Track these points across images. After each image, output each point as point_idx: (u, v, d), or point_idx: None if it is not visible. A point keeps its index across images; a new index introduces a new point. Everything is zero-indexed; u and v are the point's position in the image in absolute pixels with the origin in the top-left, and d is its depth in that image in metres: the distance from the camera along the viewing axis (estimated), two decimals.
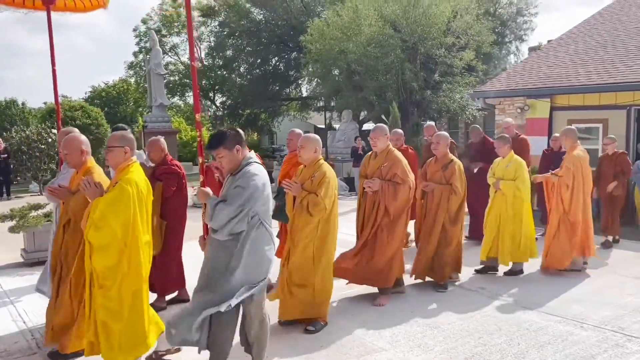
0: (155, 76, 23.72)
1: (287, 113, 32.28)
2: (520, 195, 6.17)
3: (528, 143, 8.11)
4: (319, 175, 4.49)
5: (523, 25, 25.60)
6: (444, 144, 5.89)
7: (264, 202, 3.54)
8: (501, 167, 6.39)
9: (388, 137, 5.39)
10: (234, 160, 3.58)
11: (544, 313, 5.12)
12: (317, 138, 4.68)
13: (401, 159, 5.29)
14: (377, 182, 5.20)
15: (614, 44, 12.12)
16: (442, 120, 21.49)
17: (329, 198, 4.45)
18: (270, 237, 3.63)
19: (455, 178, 5.72)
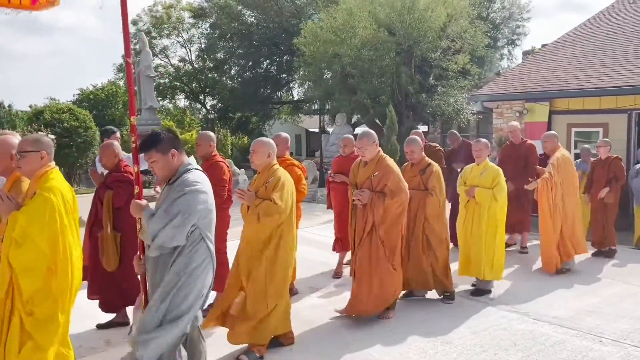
0: (145, 78, 23.33)
1: (279, 117, 32.02)
2: (497, 205, 5.61)
3: (536, 149, 7.56)
4: (273, 181, 4.13)
5: (516, 29, 25.58)
6: (418, 150, 5.49)
7: (204, 214, 3.16)
8: (475, 174, 5.81)
9: (377, 144, 4.90)
10: (168, 166, 3.21)
11: (558, 326, 4.88)
12: (270, 142, 4.32)
13: (394, 169, 4.85)
14: (367, 194, 4.77)
15: (613, 48, 12.00)
16: (436, 124, 21.33)
17: (284, 202, 4.05)
18: (210, 256, 3.23)
19: (433, 181, 5.34)
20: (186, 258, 3.12)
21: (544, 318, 5.07)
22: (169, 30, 31.34)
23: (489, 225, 5.63)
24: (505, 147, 7.86)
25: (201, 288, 3.18)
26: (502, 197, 5.63)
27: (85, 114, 17.73)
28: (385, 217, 4.77)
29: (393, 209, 4.78)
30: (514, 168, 7.24)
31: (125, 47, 3.47)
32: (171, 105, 36.05)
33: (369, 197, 4.77)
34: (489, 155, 5.99)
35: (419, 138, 5.69)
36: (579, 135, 11.00)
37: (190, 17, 30.26)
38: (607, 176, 7.41)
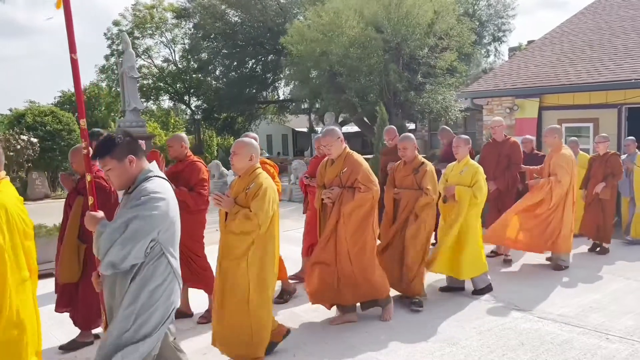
0: (129, 79, 22.95)
1: (265, 116, 31.81)
2: (476, 203, 5.46)
3: (519, 147, 7.02)
4: (254, 187, 3.81)
5: (501, 26, 25.69)
6: (411, 148, 5.32)
7: (166, 227, 2.78)
8: (455, 172, 5.67)
9: (342, 140, 4.72)
10: (125, 174, 2.84)
11: (564, 324, 4.81)
12: (253, 143, 3.98)
13: (362, 163, 4.69)
14: (337, 191, 4.63)
15: (601, 43, 12.04)
16: (424, 121, 21.33)
17: (264, 213, 3.76)
18: (174, 273, 2.85)
19: (426, 181, 5.16)
20: (145, 277, 2.74)
21: (549, 316, 5.00)
22: (152, 30, 30.98)
23: (467, 225, 5.46)
24: (487, 144, 7.29)
25: (165, 309, 2.81)
26: (482, 195, 5.46)
27: (68, 117, 17.39)
28: (354, 213, 4.61)
29: (364, 202, 4.60)
30: (496, 167, 6.77)
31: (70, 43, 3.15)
32: (155, 107, 35.67)
33: (339, 194, 4.62)
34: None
35: (412, 135, 5.56)
36: (570, 130, 11.00)
37: (174, 17, 29.92)
38: (605, 172, 7.35)
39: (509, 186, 6.81)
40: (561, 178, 6.23)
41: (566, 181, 6.28)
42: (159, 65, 31.86)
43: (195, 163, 5.03)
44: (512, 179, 6.83)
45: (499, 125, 6.97)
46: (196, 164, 5.02)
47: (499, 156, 6.81)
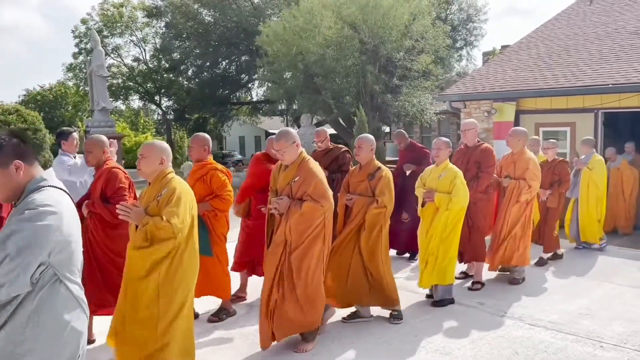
0: (98, 78, 22.34)
1: (237, 118, 31.46)
2: (455, 209, 5.15)
3: (492, 152, 6.08)
4: (166, 194, 3.34)
5: (473, 31, 25.98)
6: (367, 149, 4.83)
7: (60, 248, 2.20)
8: (434, 176, 5.31)
9: (298, 145, 4.20)
10: (9, 183, 2.28)
11: (555, 331, 4.71)
12: (164, 145, 3.54)
13: (317, 173, 4.14)
14: (285, 202, 4.08)
15: (576, 48, 12.16)
16: (399, 124, 21.35)
17: (180, 219, 3.28)
18: (75, 299, 2.28)
19: (381, 188, 4.67)
20: (31, 310, 2.13)
21: (540, 323, 4.89)
22: (122, 29, 30.29)
23: (448, 230, 5.18)
24: (458, 150, 6.40)
25: (73, 348, 2.25)
26: (461, 200, 5.13)
27: (34, 116, 16.76)
28: (301, 230, 4.04)
29: (312, 217, 4.05)
30: (465, 176, 5.70)
31: None
32: (124, 107, 34.91)
33: (286, 206, 4.09)
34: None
35: (371, 136, 5.01)
36: (547, 134, 11.05)
37: (144, 16, 29.32)
38: (551, 179, 6.97)
39: (476, 197, 5.82)
40: (531, 183, 5.92)
41: (535, 186, 6.02)
42: (129, 65, 31.18)
43: (111, 171, 4.45)
44: (480, 188, 5.87)
45: (470, 128, 6.10)
46: (112, 171, 4.44)
47: (468, 163, 5.99)
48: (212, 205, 4.73)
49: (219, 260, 4.88)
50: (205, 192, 4.76)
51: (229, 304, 5.18)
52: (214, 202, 4.74)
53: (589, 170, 7.51)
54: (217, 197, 4.75)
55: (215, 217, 4.81)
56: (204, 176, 4.80)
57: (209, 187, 4.77)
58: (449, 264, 5.25)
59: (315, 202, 4.02)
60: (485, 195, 5.92)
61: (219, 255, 4.90)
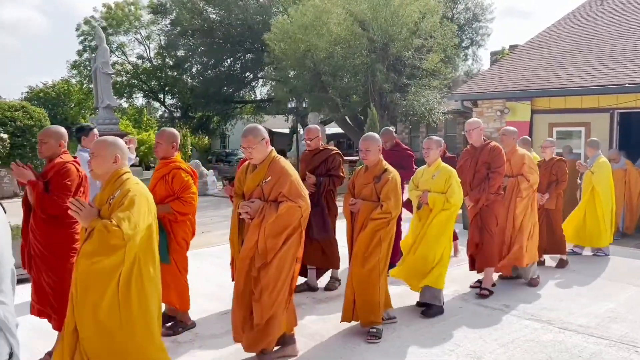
0: (102, 76, 22.27)
1: (241, 116, 31.32)
2: (450, 210, 4.92)
3: (502, 152, 5.62)
4: (119, 196, 3.02)
5: (479, 30, 25.83)
6: (375, 150, 4.49)
7: None
8: (427, 177, 5.09)
9: (267, 142, 3.85)
10: None
11: (587, 335, 4.59)
12: (118, 142, 3.18)
13: (290, 172, 3.80)
14: (257, 204, 3.74)
15: (590, 48, 12.04)
16: (407, 123, 21.23)
17: (132, 224, 2.91)
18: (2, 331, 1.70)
19: (387, 192, 4.34)
20: None
21: (570, 327, 4.77)
22: (127, 26, 30.17)
23: (439, 231, 4.95)
24: (465, 151, 6.01)
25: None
26: (456, 200, 4.91)
27: (40, 112, 16.65)
28: (276, 233, 3.72)
29: (290, 219, 3.73)
30: (474, 178, 5.62)
31: None
32: (127, 104, 34.80)
33: (259, 208, 3.73)
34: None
35: (376, 135, 4.66)
36: (561, 134, 10.94)
37: (149, 13, 29.19)
38: (549, 179, 6.73)
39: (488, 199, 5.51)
40: (529, 177, 5.80)
41: (535, 180, 5.89)
42: (133, 62, 31.05)
43: (65, 165, 4.02)
44: (492, 190, 5.51)
45: (475, 127, 5.70)
46: (65, 166, 4.01)
47: (477, 164, 5.62)
48: (172, 208, 4.33)
49: (177, 268, 4.47)
50: (167, 193, 4.38)
51: (186, 317, 4.72)
52: (174, 204, 4.34)
53: (591, 174, 7.26)
54: (178, 199, 4.35)
55: (176, 221, 4.40)
56: (166, 175, 4.41)
57: (170, 187, 4.37)
58: (442, 266, 5.01)
59: (292, 202, 3.70)
60: (497, 197, 5.58)
61: (178, 263, 4.48)
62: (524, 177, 5.79)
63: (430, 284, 5.02)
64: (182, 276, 4.53)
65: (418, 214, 5.11)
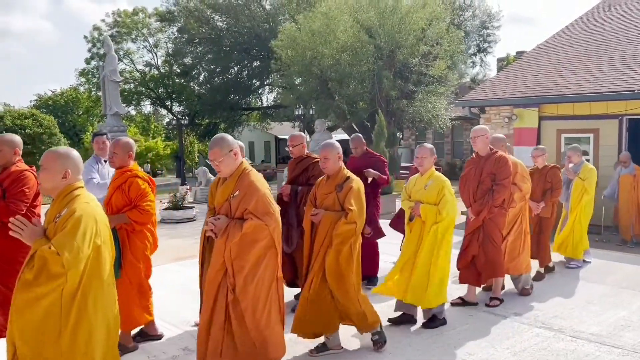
0: (111, 83, 22.43)
1: (247, 123, 31.45)
2: (443, 222, 4.70)
3: (508, 161, 5.33)
4: (65, 216, 2.74)
5: (487, 37, 25.83)
6: (334, 159, 4.22)
7: None
8: (419, 187, 4.85)
9: (236, 153, 3.53)
10: None
11: (599, 344, 4.55)
12: (70, 154, 2.92)
13: (259, 187, 3.48)
14: (222, 222, 3.45)
15: (598, 54, 12.01)
16: (414, 129, 21.22)
17: (74, 251, 2.64)
18: None
19: (350, 200, 4.09)
20: None
21: (582, 335, 4.74)
22: (135, 34, 30.40)
23: (434, 245, 4.74)
24: (469, 160, 5.69)
25: None
26: (449, 211, 4.68)
27: (49, 120, 16.79)
28: (243, 255, 3.43)
29: (256, 239, 3.42)
30: (478, 189, 5.36)
31: None
32: (134, 112, 35.02)
33: (224, 226, 3.44)
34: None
35: (336, 143, 4.37)
36: (569, 141, 10.90)
37: (157, 20, 29.41)
38: (544, 187, 6.60)
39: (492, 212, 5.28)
40: (521, 185, 5.70)
41: (526, 189, 5.78)
42: (141, 70, 31.26)
43: (21, 172, 4.02)
44: (496, 203, 5.25)
45: (480, 135, 5.36)
46: (23, 173, 4.01)
47: (482, 174, 5.35)
48: (129, 217, 4.18)
49: (130, 282, 4.25)
50: (123, 203, 4.22)
51: (126, 339, 4.40)
52: (131, 213, 4.19)
53: (582, 180, 7.07)
54: (135, 208, 4.20)
55: (133, 232, 4.25)
56: (122, 184, 4.27)
57: (127, 196, 4.23)
58: (441, 284, 4.81)
59: (259, 220, 3.39)
60: (502, 210, 5.36)
61: (132, 278, 4.26)
62: (516, 187, 5.64)
63: (429, 306, 4.83)
64: (131, 293, 4.26)
65: (410, 226, 4.89)
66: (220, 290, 3.46)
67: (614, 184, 9.30)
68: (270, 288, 3.53)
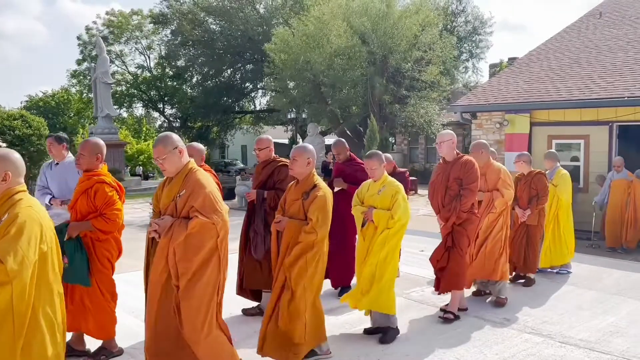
0: (102, 85, 22.40)
1: (240, 126, 31.42)
2: (395, 229, 4.54)
3: (475, 166, 5.14)
4: (6, 221, 2.58)
5: (479, 43, 25.97)
6: (302, 162, 4.06)
7: None
8: (372, 192, 4.72)
9: (181, 151, 3.41)
10: None
11: (589, 349, 4.54)
12: (9, 156, 2.76)
13: (205, 185, 3.33)
14: (166, 221, 3.30)
15: (588, 61, 12.09)
16: (406, 134, 21.26)
17: (18, 257, 2.48)
18: None
19: (314, 210, 3.90)
20: None
21: (570, 341, 4.73)
22: (127, 36, 30.31)
23: (387, 252, 4.56)
24: (437, 166, 5.55)
25: None
26: (401, 217, 4.52)
27: (39, 121, 16.66)
28: (188, 257, 3.26)
29: (202, 238, 3.27)
30: (446, 195, 5.20)
31: None
32: (126, 114, 34.89)
33: (167, 226, 3.27)
34: None
35: (310, 147, 4.20)
36: (560, 146, 10.95)
37: (150, 22, 29.35)
38: (529, 194, 6.48)
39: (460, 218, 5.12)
40: (504, 192, 5.61)
41: (509, 195, 5.69)
42: (133, 72, 31.15)
43: None
44: (463, 208, 5.08)
45: (445, 140, 5.21)
46: None
47: (448, 180, 5.21)
48: (94, 225, 4.02)
49: (100, 292, 4.11)
50: (89, 209, 4.05)
51: (111, 344, 4.34)
52: (96, 221, 4.02)
53: (554, 187, 6.93)
54: (101, 216, 4.03)
55: (98, 240, 4.09)
56: (88, 189, 4.07)
57: (92, 203, 4.05)
58: (388, 290, 4.62)
59: (205, 218, 3.23)
60: (471, 215, 5.18)
61: (101, 286, 4.11)
62: (499, 193, 5.58)
63: (374, 308, 4.65)
64: (105, 301, 4.15)
65: (362, 232, 4.70)
66: (164, 293, 3.30)
67: (605, 190, 9.33)
68: (212, 298, 3.34)
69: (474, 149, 5.69)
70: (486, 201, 5.60)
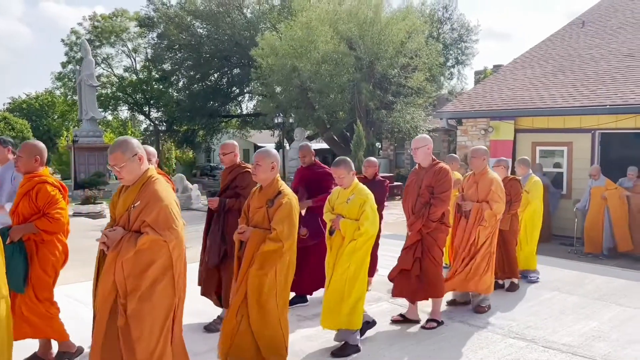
0: (87, 88, 22.24)
1: (226, 130, 31.34)
2: (361, 240, 4.36)
3: (449, 173, 5.06)
4: None
5: (465, 50, 26.23)
6: (266, 166, 3.88)
7: None
8: (342, 200, 4.54)
9: (141, 158, 3.18)
10: None
11: (571, 354, 4.60)
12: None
13: (163, 197, 3.08)
14: (117, 234, 3.06)
15: (572, 69, 12.28)
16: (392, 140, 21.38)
17: None
18: None
19: (278, 218, 3.74)
20: None
21: (554, 345, 4.78)
22: (114, 39, 30.11)
23: (352, 263, 4.38)
24: (412, 172, 5.39)
25: None
26: (368, 227, 4.34)
27: (22, 124, 16.48)
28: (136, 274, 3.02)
29: (152, 257, 3.03)
30: (417, 202, 5.09)
31: None
32: (111, 117, 34.62)
33: (117, 239, 3.03)
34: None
35: (274, 151, 4.03)
36: (544, 153, 11.10)
37: (136, 26, 29.20)
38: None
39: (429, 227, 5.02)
40: (493, 205, 5.46)
41: (498, 209, 5.49)
42: (119, 75, 30.95)
43: None
44: (433, 217, 5.01)
45: (421, 146, 5.08)
46: None
47: (420, 187, 5.09)
48: (37, 226, 3.89)
49: (37, 298, 3.95)
50: (31, 211, 3.94)
51: (68, 345, 4.22)
52: (39, 222, 3.90)
53: (526, 193, 6.96)
54: (44, 216, 3.91)
55: (42, 242, 3.96)
56: (29, 191, 3.97)
57: (35, 204, 3.94)
58: (359, 307, 4.45)
59: (156, 235, 2.99)
60: (440, 225, 5.08)
61: (38, 293, 3.95)
62: (488, 205, 5.45)
63: (344, 327, 4.45)
64: (44, 307, 3.99)
65: (330, 241, 4.53)
66: (113, 314, 3.04)
67: (586, 196, 9.48)
68: (167, 317, 3.10)
69: (476, 156, 5.57)
70: (474, 212, 5.49)
